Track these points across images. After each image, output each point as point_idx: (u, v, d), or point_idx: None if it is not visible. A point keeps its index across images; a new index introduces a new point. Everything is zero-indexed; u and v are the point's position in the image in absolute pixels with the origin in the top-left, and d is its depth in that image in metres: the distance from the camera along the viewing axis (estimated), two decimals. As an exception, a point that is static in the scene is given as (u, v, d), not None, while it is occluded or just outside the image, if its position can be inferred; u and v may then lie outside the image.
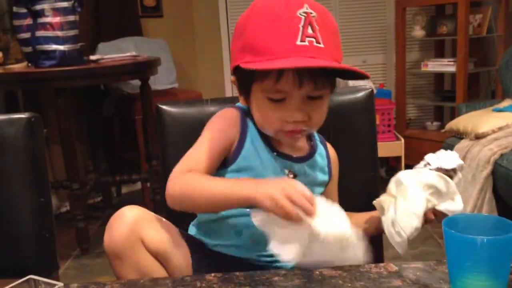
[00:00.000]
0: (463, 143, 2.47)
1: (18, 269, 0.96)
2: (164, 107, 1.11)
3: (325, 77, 0.89)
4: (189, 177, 0.89)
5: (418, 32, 3.60)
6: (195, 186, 0.88)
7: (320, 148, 1.03)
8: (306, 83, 0.87)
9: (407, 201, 0.92)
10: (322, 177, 1.02)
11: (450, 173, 0.95)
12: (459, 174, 0.96)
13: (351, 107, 1.15)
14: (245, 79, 0.92)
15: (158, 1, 3.77)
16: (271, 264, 0.94)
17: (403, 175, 0.95)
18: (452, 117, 3.23)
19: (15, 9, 2.45)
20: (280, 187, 0.77)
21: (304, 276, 0.78)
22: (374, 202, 0.99)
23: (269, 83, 0.87)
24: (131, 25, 3.56)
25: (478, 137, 2.43)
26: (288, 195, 0.76)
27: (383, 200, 0.97)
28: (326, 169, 1.03)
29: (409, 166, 1.08)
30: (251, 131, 0.96)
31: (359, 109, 1.15)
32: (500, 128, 2.42)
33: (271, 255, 0.85)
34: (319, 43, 0.85)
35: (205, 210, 0.95)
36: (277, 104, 0.89)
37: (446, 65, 3.39)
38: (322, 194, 1.01)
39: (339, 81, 3.76)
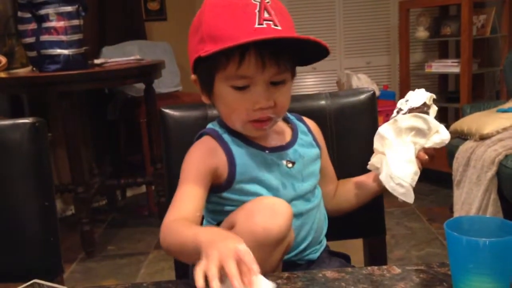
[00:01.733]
0: (468, 144, 2.46)
1: (23, 273, 0.97)
2: (167, 110, 1.12)
3: (287, 60, 0.89)
4: (171, 226, 0.85)
5: (422, 33, 3.60)
6: (172, 235, 0.83)
7: (300, 126, 1.04)
8: (269, 66, 0.86)
9: (395, 152, 0.93)
10: (314, 151, 1.02)
11: (423, 109, 0.95)
12: (434, 106, 0.97)
13: (353, 109, 1.15)
14: (207, 70, 0.91)
15: (162, 5, 3.78)
16: None
17: (382, 129, 0.96)
18: (457, 118, 3.22)
19: (19, 14, 2.46)
20: (221, 251, 0.67)
21: (307, 278, 0.78)
22: (368, 167, 1.00)
23: (231, 69, 0.87)
24: (135, 29, 3.58)
25: (483, 138, 2.42)
26: (222, 260, 0.66)
27: (375, 161, 0.98)
28: (314, 142, 1.03)
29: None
30: (233, 144, 0.94)
31: (362, 111, 1.15)
32: (505, 129, 2.41)
33: None
34: (277, 26, 0.86)
35: (180, 258, 0.87)
36: (241, 92, 0.89)
37: (450, 66, 3.39)
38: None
39: (343, 84, 3.71)
